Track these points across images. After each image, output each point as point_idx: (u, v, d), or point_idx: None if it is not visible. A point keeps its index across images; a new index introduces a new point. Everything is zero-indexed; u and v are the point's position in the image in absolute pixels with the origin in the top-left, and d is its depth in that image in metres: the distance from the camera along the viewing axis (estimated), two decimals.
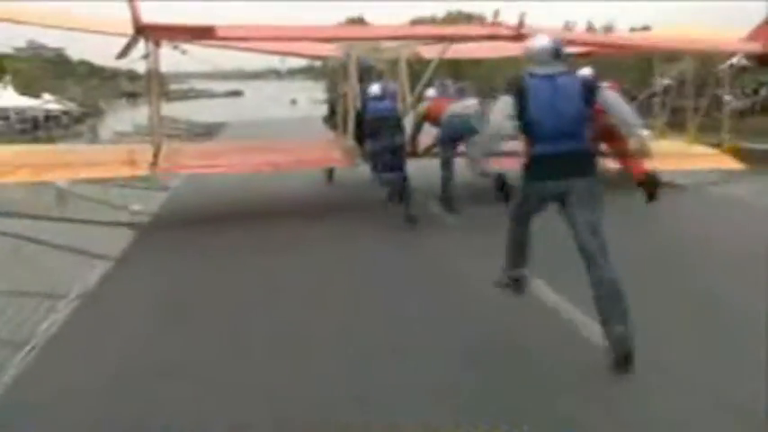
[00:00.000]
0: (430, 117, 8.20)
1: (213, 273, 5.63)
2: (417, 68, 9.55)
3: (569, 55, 4.14)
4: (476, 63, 25.70)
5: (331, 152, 9.11)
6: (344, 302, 4.70)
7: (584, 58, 8.80)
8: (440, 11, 74.55)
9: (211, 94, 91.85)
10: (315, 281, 5.26)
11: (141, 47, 7.80)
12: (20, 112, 37.36)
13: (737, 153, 9.88)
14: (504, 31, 7.81)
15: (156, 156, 7.99)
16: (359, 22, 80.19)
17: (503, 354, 3.79)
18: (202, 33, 7.94)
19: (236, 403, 3.22)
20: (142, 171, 8.03)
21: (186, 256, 6.21)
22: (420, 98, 8.61)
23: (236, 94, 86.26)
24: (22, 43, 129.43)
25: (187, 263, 5.98)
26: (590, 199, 3.68)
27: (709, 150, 9.93)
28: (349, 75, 8.77)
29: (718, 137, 10.57)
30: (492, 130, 3.88)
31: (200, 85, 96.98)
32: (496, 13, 8.19)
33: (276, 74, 71.70)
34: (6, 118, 36.52)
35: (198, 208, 8.72)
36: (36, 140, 31.73)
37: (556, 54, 3.77)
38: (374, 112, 7.24)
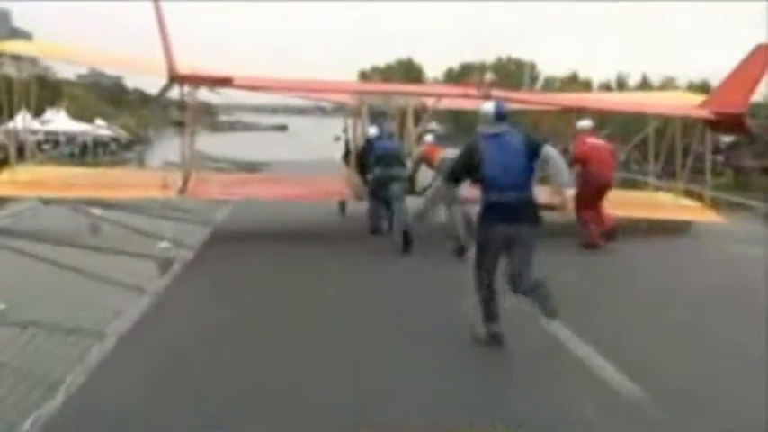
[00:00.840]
0: (425, 160, 8.99)
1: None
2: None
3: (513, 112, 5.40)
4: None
5: (340, 186, 10.24)
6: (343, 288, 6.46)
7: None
8: (489, 57, 74.81)
9: (257, 128, 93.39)
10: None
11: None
12: (70, 136, 38.25)
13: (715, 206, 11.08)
14: (474, 92, 9.31)
15: (185, 182, 9.43)
16: (407, 63, 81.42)
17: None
18: (222, 82, 9.28)
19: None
20: (172, 194, 9.35)
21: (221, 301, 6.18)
22: (419, 140, 9.86)
23: (282, 128, 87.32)
24: (84, 71, 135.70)
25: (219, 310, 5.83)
26: (530, 241, 4.54)
27: (694, 204, 11.08)
28: (358, 120, 10.46)
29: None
30: (435, 194, 5.29)
31: (247, 117, 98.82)
32: (479, 78, 10.55)
33: (321, 110, 72.38)
34: (56, 142, 37.40)
35: (237, 244, 8.81)
36: (81, 165, 32.35)
37: (499, 116, 4.61)
38: (382, 148, 8.67)
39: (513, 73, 68.41)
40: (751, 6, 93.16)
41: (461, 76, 73.31)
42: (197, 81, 9.38)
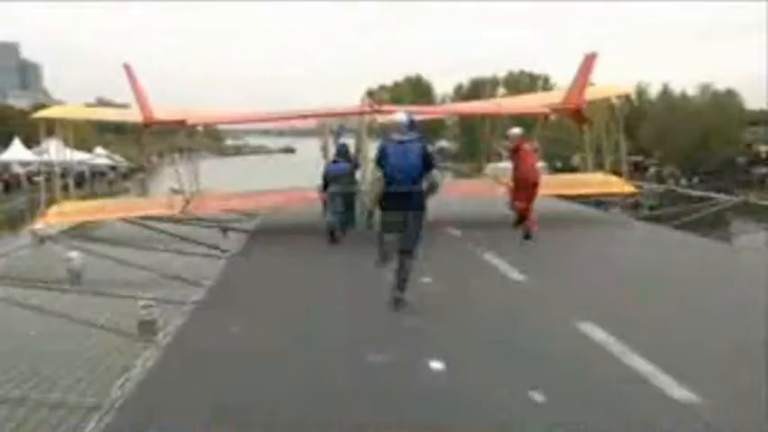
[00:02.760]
0: None
1: None
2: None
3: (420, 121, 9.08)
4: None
5: (312, 195, 11.57)
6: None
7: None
8: (501, 71, 72.86)
9: (265, 151, 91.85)
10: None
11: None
12: (66, 166, 36.46)
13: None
14: (367, 108, 11.48)
15: (187, 202, 11.67)
16: (416, 80, 79.77)
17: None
18: (177, 124, 12.01)
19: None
20: (176, 211, 11.52)
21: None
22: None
23: (289, 151, 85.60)
24: (91, 99, 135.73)
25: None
26: (416, 221, 6.05)
27: (617, 180, 13.22)
28: (324, 140, 13.04)
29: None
30: (370, 185, 7.37)
31: (254, 140, 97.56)
32: (370, 93, 14.77)
33: (329, 131, 70.77)
34: (50, 173, 35.55)
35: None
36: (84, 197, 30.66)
37: (410, 126, 6.22)
38: (333, 170, 10.74)
39: (526, 87, 66.32)
40: None
41: (471, 91, 71.50)
42: (161, 125, 11.62)
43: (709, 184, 29.40)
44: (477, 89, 71.19)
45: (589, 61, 11.33)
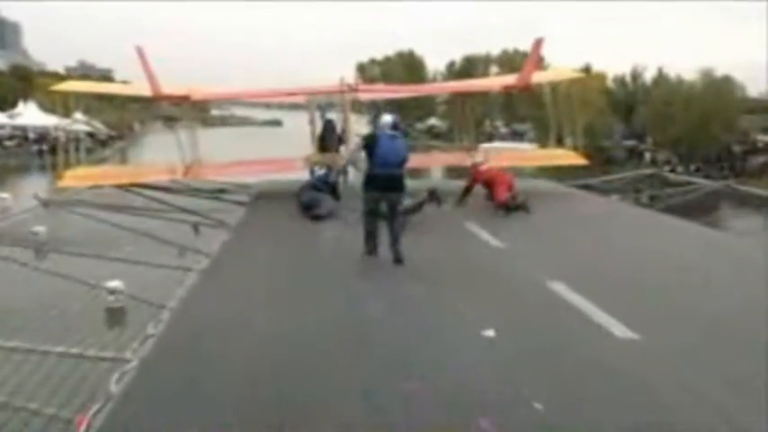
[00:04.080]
0: None
1: None
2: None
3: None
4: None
5: (296, 163, 12.83)
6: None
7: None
8: (495, 49, 71.40)
9: (250, 122, 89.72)
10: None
11: None
12: (41, 132, 34.70)
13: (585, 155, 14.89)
14: (346, 88, 12.99)
15: (187, 168, 12.62)
16: (408, 55, 78.09)
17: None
18: (181, 99, 13.77)
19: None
20: (179, 176, 12.66)
21: None
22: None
23: (276, 123, 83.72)
24: (73, 63, 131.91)
25: None
26: (398, 200, 7.42)
27: (569, 152, 14.90)
28: (312, 115, 13.63)
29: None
30: (349, 154, 9.13)
31: (240, 111, 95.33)
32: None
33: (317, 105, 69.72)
34: (25, 138, 33.83)
35: None
36: (42, 168, 28.85)
37: (394, 126, 7.57)
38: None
39: (519, 65, 65.16)
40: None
41: (464, 68, 70.09)
42: (166, 99, 13.55)
43: (707, 173, 28.77)
44: (470, 67, 69.89)
45: (537, 45, 12.90)
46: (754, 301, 5.77)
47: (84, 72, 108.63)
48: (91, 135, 40.08)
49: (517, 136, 57.05)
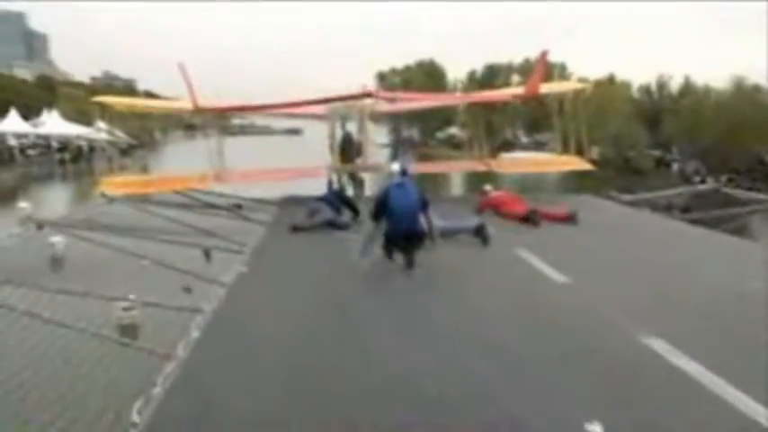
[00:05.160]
0: None
1: None
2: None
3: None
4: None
5: (322, 170, 13.10)
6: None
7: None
8: (517, 57, 70.71)
9: (270, 131, 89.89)
10: None
11: None
12: (64, 140, 34.83)
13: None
14: (365, 94, 13.33)
15: (216, 175, 13.06)
16: (428, 64, 77.74)
17: None
18: (219, 111, 15.17)
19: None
20: (211, 183, 13.15)
21: None
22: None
23: (295, 132, 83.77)
24: (98, 73, 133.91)
25: None
26: (419, 246, 7.21)
27: (574, 158, 14.48)
28: (331, 126, 14.13)
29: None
30: (366, 237, 7.42)
31: (261, 120, 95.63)
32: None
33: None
34: (48, 146, 33.96)
35: None
36: (64, 177, 28.76)
37: (403, 173, 7.48)
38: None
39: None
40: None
41: (485, 78, 69.44)
42: (206, 112, 14.32)
43: (739, 184, 27.71)
44: (492, 76, 69.24)
45: (543, 57, 13.56)
46: None
47: (109, 82, 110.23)
48: (112, 144, 40.24)
49: (539, 146, 56.23)
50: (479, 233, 8.55)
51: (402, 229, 7.11)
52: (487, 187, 11.75)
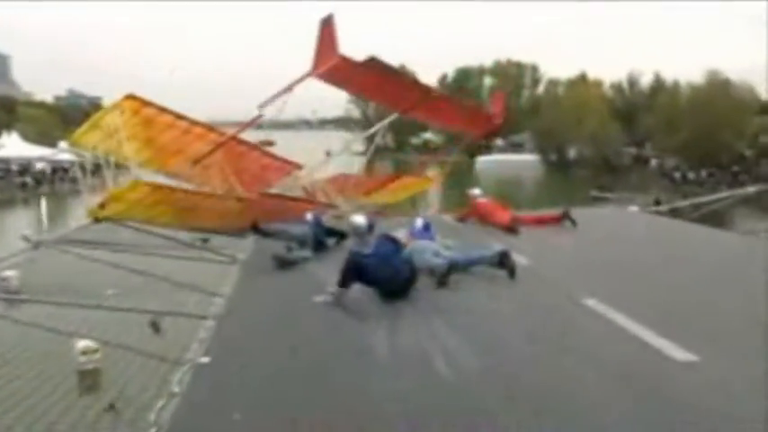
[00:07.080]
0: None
1: None
2: None
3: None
4: None
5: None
6: None
7: None
8: (487, 60, 70.67)
9: None
10: None
11: None
12: (24, 163, 33.34)
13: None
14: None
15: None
16: (402, 69, 77.14)
17: None
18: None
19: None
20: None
21: None
22: None
23: (268, 144, 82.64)
24: (62, 92, 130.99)
25: None
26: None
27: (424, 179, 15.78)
28: None
29: None
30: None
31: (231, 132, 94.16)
32: None
33: (307, 124, 69.88)
34: (7, 170, 32.44)
35: None
36: (25, 202, 27.30)
37: (369, 228, 7.85)
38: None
39: (513, 76, 64.21)
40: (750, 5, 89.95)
41: (456, 81, 69.20)
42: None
43: (721, 179, 27.56)
44: (462, 80, 69.04)
45: (499, 99, 15.45)
46: None
47: (74, 101, 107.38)
48: (79, 165, 38.84)
49: (516, 147, 56.07)
50: (503, 263, 6.30)
51: (390, 290, 5.51)
52: (476, 191, 10.54)
